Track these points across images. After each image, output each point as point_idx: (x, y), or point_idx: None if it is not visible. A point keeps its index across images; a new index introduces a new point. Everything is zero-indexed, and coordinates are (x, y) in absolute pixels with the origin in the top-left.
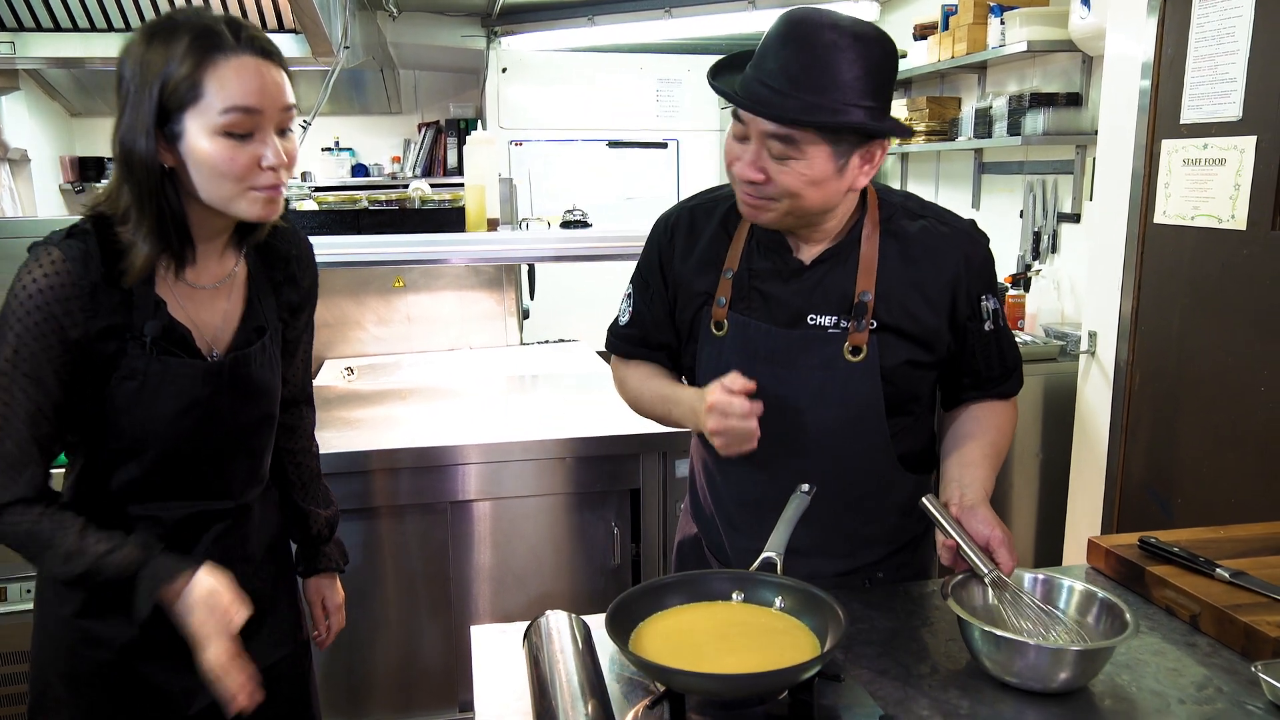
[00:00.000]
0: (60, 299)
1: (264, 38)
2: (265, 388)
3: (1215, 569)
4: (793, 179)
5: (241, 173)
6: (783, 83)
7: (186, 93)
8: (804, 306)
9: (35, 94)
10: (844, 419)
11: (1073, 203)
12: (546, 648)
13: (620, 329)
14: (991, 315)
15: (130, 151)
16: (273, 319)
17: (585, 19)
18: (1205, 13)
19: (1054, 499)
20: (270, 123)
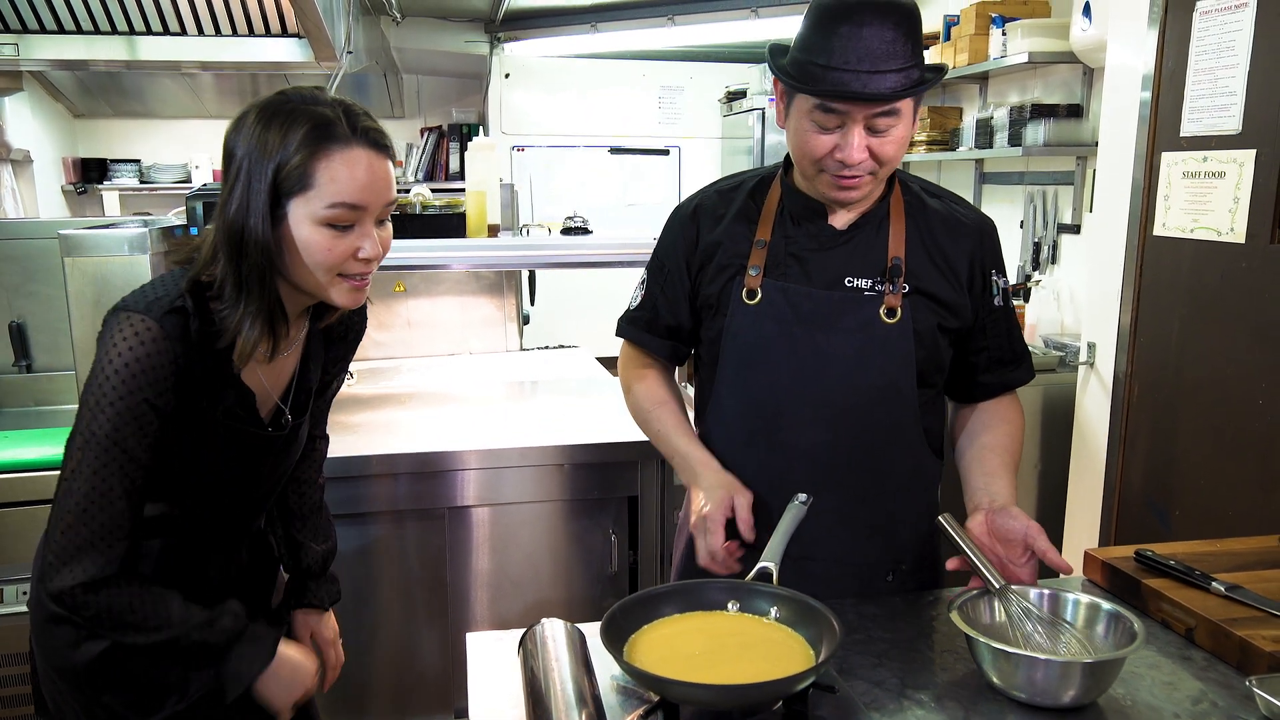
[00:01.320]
0: (159, 378)
1: (378, 129)
2: (302, 444)
3: (1211, 583)
4: (893, 146)
5: (338, 262)
6: (875, 64)
7: (297, 181)
8: (842, 270)
9: (38, 95)
10: (880, 384)
11: (1073, 214)
12: (542, 655)
13: (630, 313)
14: (1001, 292)
15: (243, 230)
16: (317, 376)
17: (588, 25)
18: (1206, 26)
19: (1052, 510)
20: (372, 216)
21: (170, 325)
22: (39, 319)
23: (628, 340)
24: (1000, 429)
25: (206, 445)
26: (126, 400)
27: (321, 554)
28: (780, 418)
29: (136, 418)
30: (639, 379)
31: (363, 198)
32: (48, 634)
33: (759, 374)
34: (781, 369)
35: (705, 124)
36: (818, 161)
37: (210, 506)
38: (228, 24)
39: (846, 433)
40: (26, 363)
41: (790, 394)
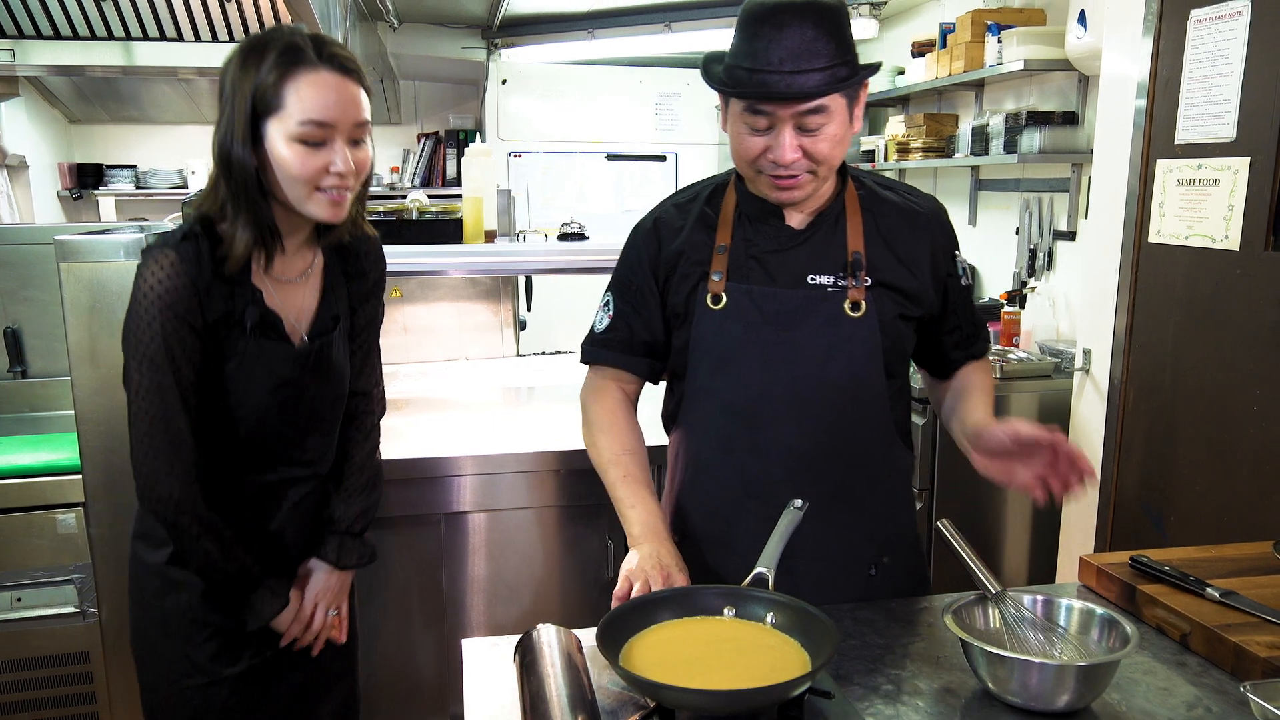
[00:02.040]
0: (184, 297)
1: (345, 55)
2: (340, 370)
3: (1206, 588)
4: (826, 144)
5: (311, 176)
6: (799, 64)
7: (271, 102)
8: (803, 268)
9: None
10: (849, 378)
11: (1068, 220)
12: (537, 661)
13: (598, 335)
14: (965, 271)
15: (228, 154)
16: (343, 307)
17: (585, 32)
18: (1200, 34)
19: (1047, 516)
20: (342, 134)
21: (185, 250)
22: (34, 324)
23: (601, 364)
24: (974, 378)
25: (241, 361)
26: (162, 321)
27: (348, 514)
28: (755, 419)
29: (175, 333)
30: (606, 414)
31: (329, 115)
32: (140, 586)
33: (730, 378)
34: (752, 371)
35: (702, 130)
36: (753, 163)
37: (267, 435)
38: (224, 29)
39: (821, 429)
40: (21, 368)
41: (763, 395)
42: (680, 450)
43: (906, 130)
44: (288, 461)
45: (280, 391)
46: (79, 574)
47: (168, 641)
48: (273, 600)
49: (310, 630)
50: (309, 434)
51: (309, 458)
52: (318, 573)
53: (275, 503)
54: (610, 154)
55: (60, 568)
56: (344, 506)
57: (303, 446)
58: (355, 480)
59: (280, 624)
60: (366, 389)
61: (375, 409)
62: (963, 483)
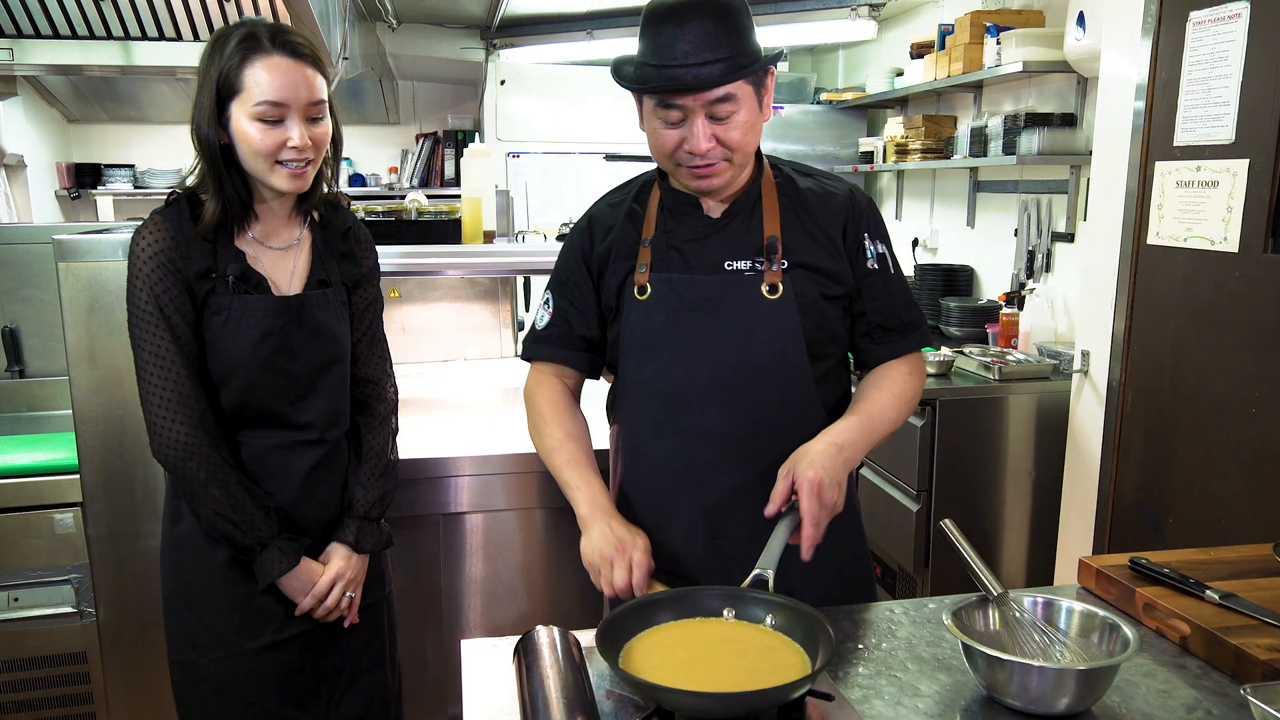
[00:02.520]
0: (168, 249)
1: (298, 41)
2: (329, 330)
3: (1205, 590)
4: (738, 131)
5: (270, 152)
6: (702, 56)
7: (233, 85)
8: (720, 255)
9: (33, 100)
10: (768, 359)
11: (1067, 222)
12: (537, 663)
13: (539, 332)
14: (876, 257)
15: (198, 133)
16: (335, 279)
17: (584, 33)
18: (1199, 36)
19: (1046, 518)
20: (297, 113)
21: (169, 213)
22: (32, 324)
23: (541, 360)
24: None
25: (228, 317)
26: (152, 274)
27: (366, 499)
28: (680, 403)
29: (164, 284)
30: (548, 404)
31: (283, 96)
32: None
33: (656, 364)
34: (676, 357)
35: None
36: (671, 156)
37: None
38: None
39: (744, 410)
40: (20, 368)
41: (686, 379)
42: (619, 440)
43: (905, 132)
44: (285, 423)
45: (267, 342)
46: (76, 574)
47: (190, 613)
48: (281, 559)
49: (324, 605)
50: (307, 395)
51: (308, 420)
52: (337, 553)
53: (282, 470)
54: (608, 155)
55: (58, 567)
56: (362, 492)
57: (301, 408)
58: (371, 466)
59: (290, 588)
60: (376, 377)
61: (388, 396)
62: (961, 484)
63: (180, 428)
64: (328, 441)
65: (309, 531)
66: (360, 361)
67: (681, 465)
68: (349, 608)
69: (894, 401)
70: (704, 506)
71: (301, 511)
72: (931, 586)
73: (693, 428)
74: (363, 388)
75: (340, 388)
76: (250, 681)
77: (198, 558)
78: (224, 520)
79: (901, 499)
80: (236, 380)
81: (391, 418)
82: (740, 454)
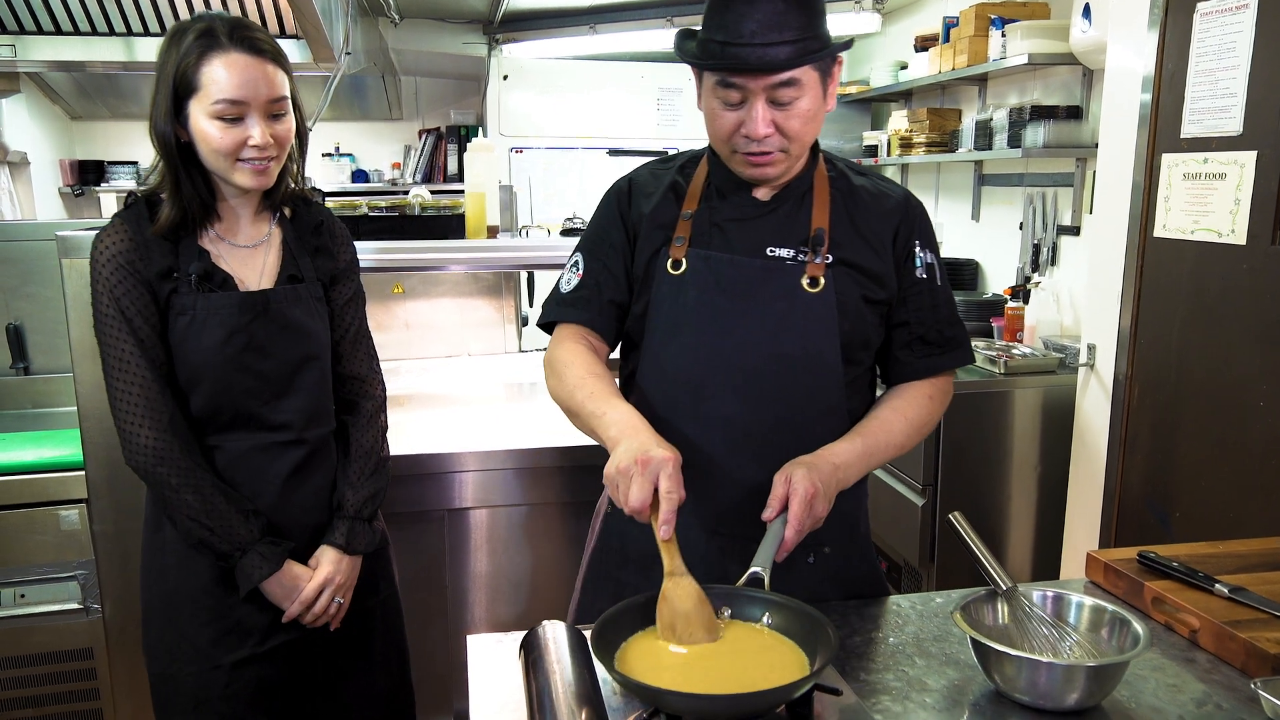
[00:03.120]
0: (127, 250)
1: (257, 37)
2: (303, 326)
3: (1215, 584)
4: (798, 120)
5: (230, 149)
6: (769, 36)
7: (191, 83)
8: (764, 239)
9: (36, 97)
10: (801, 354)
11: (1072, 215)
12: (543, 658)
13: (565, 295)
14: (925, 266)
15: (156, 131)
16: (309, 275)
17: (587, 27)
18: (1206, 27)
19: (1052, 512)
20: (258, 110)
21: (127, 216)
22: (36, 321)
23: (565, 323)
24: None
25: (193, 317)
26: (111, 277)
27: (355, 499)
28: (701, 390)
29: (125, 286)
30: (568, 353)
31: (242, 94)
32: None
33: (681, 343)
34: (702, 338)
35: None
36: (728, 141)
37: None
38: None
39: (766, 404)
40: (24, 365)
41: (710, 363)
42: None
43: (909, 125)
44: (261, 424)
45: (234, 340)
46: (82, 570)
47: (169, 625)
48: (262, 564)
49: (312, 612)
50: (282, 395)
51: (285, 420)
52: (326, 556)
53: (261, 474)
54: (612, 149)
55: (63, 564)
56: (351, 491)
57: (277, 408)
58: (360, 466)
59: (274, 593)
60: (362, 374)
61: (375, 393)
62: (967, 478)
63: (149, 432)
64: (308, 442)
65: (294, 536)
66: (344, 359)
67: (695, 455)
68: (336, 613)
69: (904, 426)
70: (709, 501)
71: (285, 515)
72: (937, 581)
73: (710, 417)
74: (348, 386)
75: (319, 386)
76: (229, 695)
77: (180, 566)
78: (199, 526)
79: (907, 493)
80: (206, 382)
81: (380, 414)
82: (756, 451)
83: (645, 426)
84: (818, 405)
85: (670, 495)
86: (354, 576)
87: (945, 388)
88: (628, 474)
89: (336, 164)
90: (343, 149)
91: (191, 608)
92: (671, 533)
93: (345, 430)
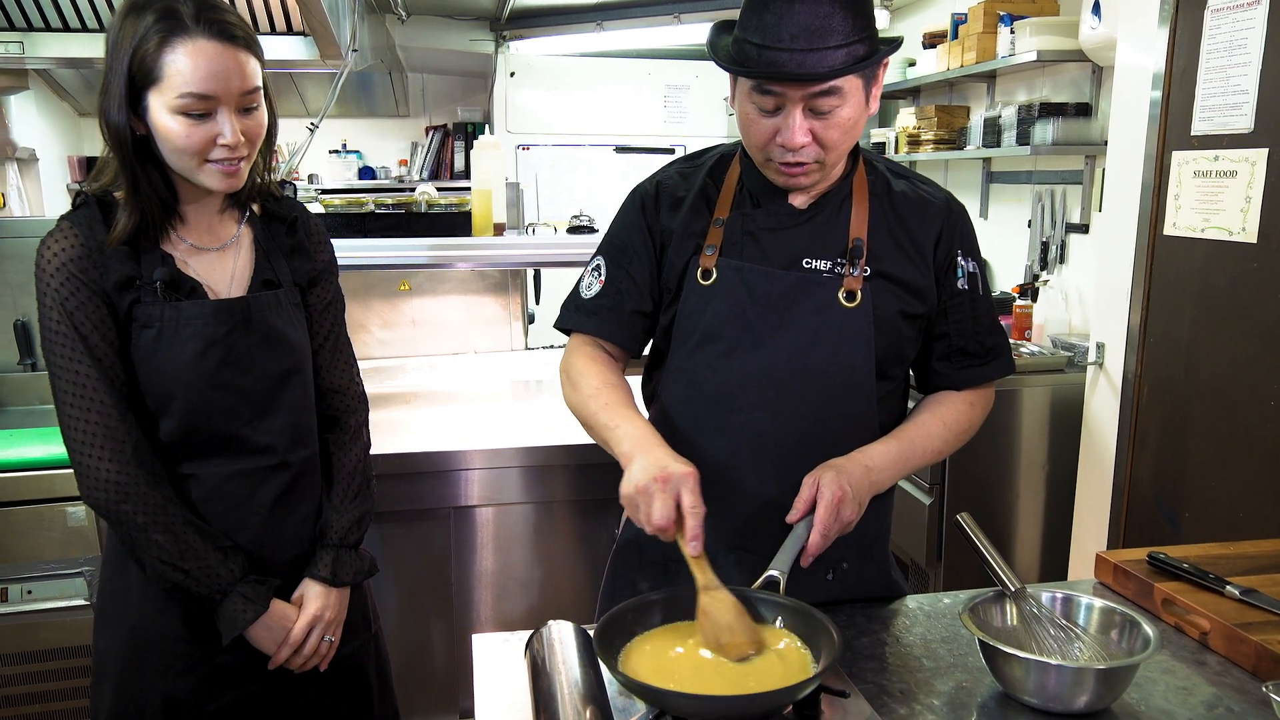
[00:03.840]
0: (77, 258)
1: (227, 20)
2: (284, 337)
3: (1225, 586)
4: (838, 130)
5: (198, 149)
6: (810, 40)
7: (150, 71)
8: (799, 250)
9: (44, 93)
10: (834, 370)
11: (1081, 213)
12: (549, 657)
13: (585, 301)
14: (967, 276)
15: (107, 121)
16: (286, 278)
17: (594, 24)
18: (1217, 24)
19: (1060, 511)
20: (227, 104)
21: (77, 218)
22: None
23: (584, 332)
24: (930, 409)
25: (161, 329)
26: (62, 288)
27: (340, 525)
28: (730, 403)
29: (76, 299)
30: (585, 360)
31: (209, 87)
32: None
33: (711, 356)
34: (734, 351)
35: (710, 123)
36: (763, 149)
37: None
38: None
39: (795, 418)
40: (31, 361)
41: (740, 378)
42: (657, 423)
43: (917, 122)
44: (241, 448)
45: (211, 354)
46: (88, 566)
47: (134, 679)
48: (246, 607)
49: (301, 654)
50: (265, 414)
51: (268, 442)
52: (312, 591)
53: (243, 504)
54: (619, 147)
55: (70, 560)
56: (335, 516)
57: (259, 429)
58: (345, 487)
59: (260, 639)
60: (342, 385)
61: (358, 407)
62: (974, 478)
63: (109, 465)
64: (292, 465)
65: (279, 571)
66: (323, 370)
67: (719, 469)
68: (327, 653)
69: (942, 431)
70: (734, 515)
71: (270, 550)
72: (944, 581)
73: (738, 430)
74: (329, 399)
75: (303, 402)
76: None
77: (148, 611)
78: (173, 569)
79: (914, 492)
80: (178, 401)
81: (364, 430)
82: (782, 463)
83: (659, 442)
84: (848, 420)
85: (696, 510)
86: (344, 610)
87: (987, 393)
88: (647, 492)
89: (343, 161)
90: (349, 146)
91: (163, 658)
92: (701, 549)
93: (326, 449)
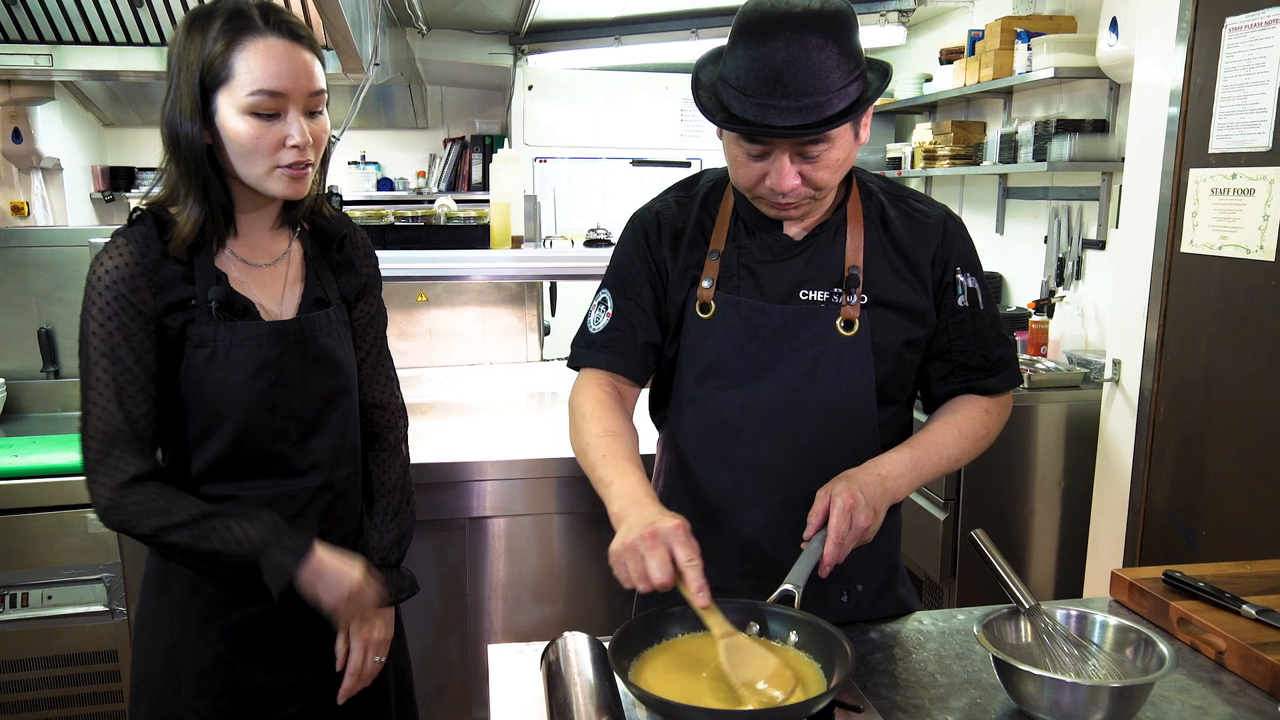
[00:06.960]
0: (128, 277)
1: (295, 21)
2: (334, 357)
3: (1242, 605)
4: (827, 170)
5: (268, 151)
6: (802, 95)
7: (220, 73)
8: (796, 281)
9: (69, 104)
10: (836, 398)
11: (1098, 229)
12: (565, 669)
13: (594, 336)
14: (967, 293)
15: (175, 132)
16: (334, 296)
17: (612, 39)
18: (1235, 42)
19: (1075, 528)
20: (296, 104)
21: (132, 234)
22: (68, 325)
23: (596, 368)
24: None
25: (214, 349)
26: (106, 306)
27: (382, 543)
28: (735, 435)
29: (116, 316)
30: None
31: (280, 84)
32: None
33: (713, 389)
34: (736, 385)
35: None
36: (751, 190)
37: (260, 434)
38: None
39: (801, 449)
40: (55, 368)
41: (743, 410)
42: (663, 455)
43: (934, 138)
44: (287, 469)
45: (264, 375)
46: (108, 573)
47: (174, 696)
48: (285, 555)
49: (360, 680)
50: (312, 434)
51: (314, 462)
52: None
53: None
54: (635, 160)
55: (90, 566)
56: (376, 536)
57: (305, 450)
58: (386, 504)
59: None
60: (383, 400)
61: (398, 422)
62: (989, 493)
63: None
64: (335, 486)
65: None
66: (365, 385)
67: (725, 498)
68: (373, 672)
69: (957, 438)
70: (743, 539)
71: None
72: (959, 597)
73: (744, 461)
74: (370, 415)
75: (349, 421)
76: None
77: (194, 632)
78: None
79: (929, 508)
80: (230, 422)
81: (403, 445)
82: (786, 488)
83: (650, 498)
84: (852, 447)
85: (693, 563)
86: (390, 629)
87: (1004, 401)
88: (634, 550)
89: (362, 172)
90: (369, 157)
91: (199, 681)
92: (709, 598)
93: (365, 464)
